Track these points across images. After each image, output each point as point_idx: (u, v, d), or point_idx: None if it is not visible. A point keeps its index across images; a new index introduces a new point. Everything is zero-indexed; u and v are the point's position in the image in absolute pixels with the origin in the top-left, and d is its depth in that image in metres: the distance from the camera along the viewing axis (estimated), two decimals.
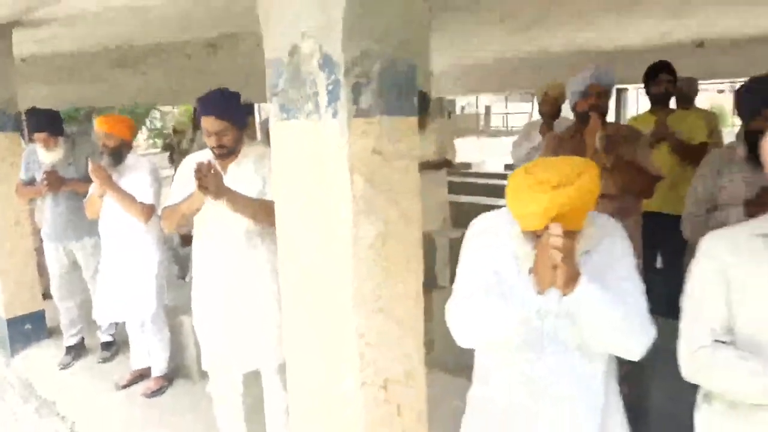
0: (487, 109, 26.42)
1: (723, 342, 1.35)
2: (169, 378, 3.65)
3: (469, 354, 1.62)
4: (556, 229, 1.30)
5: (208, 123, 2.32)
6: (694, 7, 6.12)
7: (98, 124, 3.34)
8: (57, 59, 7.34)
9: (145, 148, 20.08)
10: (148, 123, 19.37)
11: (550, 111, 4.57)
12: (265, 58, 1.65)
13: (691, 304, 1.41)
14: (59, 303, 4.05)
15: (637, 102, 19.37)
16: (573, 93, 2.72)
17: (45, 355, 4.25)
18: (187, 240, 4.09)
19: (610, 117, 3.00)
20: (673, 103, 4.24)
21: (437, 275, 4.27)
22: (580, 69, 2.83)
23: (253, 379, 2.63)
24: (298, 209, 1.65)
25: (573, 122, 2.87)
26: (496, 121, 25.43)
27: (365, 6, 1.44)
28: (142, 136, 20.38)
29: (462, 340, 1.48)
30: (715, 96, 20.90)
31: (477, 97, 24.72)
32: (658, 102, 3.85)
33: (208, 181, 2.12)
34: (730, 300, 1.34)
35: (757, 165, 1.51)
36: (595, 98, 2.67)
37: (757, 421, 1.33)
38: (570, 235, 1.34)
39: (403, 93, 1.57)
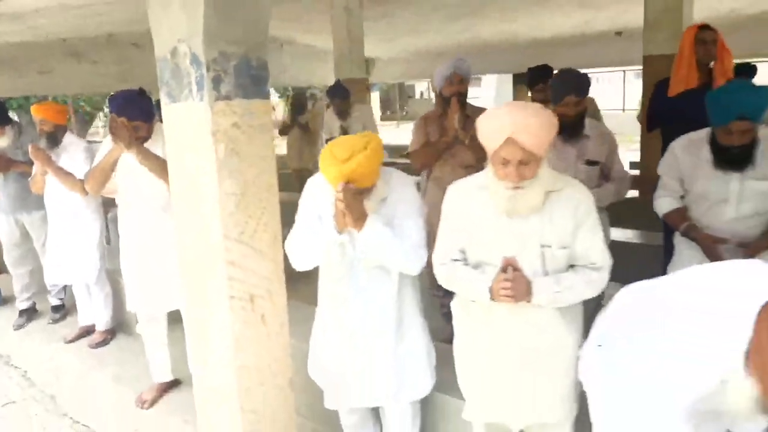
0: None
1: (458, 260, 1.99)
2: (111, 332, 4.17)
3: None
4: (339, 188, 1.92)
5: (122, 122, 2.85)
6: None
7: (33, 111, 3.84)
8: (4, 50, 7.65)
9: (103, 135, 20.23)
10: (105, 110, 19.54)
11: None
12: (155, 57, 2.19)
13: (443, 232, 2.03)
14: (12, 271, 4.53)
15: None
16: (438, 80, 3.29)
17: (4, 316, 4.71)
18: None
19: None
20: None
21: None
22: (510, 55, 3.41)
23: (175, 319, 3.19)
24: (182, 170, 2.20)
25: (437, 105, 3.44)
26: None
27: (220, 18, 1.98)
28: (101, 122, 20.53)
29: (294, 263, 2.11)
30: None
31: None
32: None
33: (120, 132, 2.66)
34: (466, 232, 1.97)
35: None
36: (456, 85, 3.24)
37: (475, 310, 1.99)
38: (360, 190, 1.96)
39: (257, 81, 2.13)
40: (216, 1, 1.96)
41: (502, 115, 1.75)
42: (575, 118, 2.87)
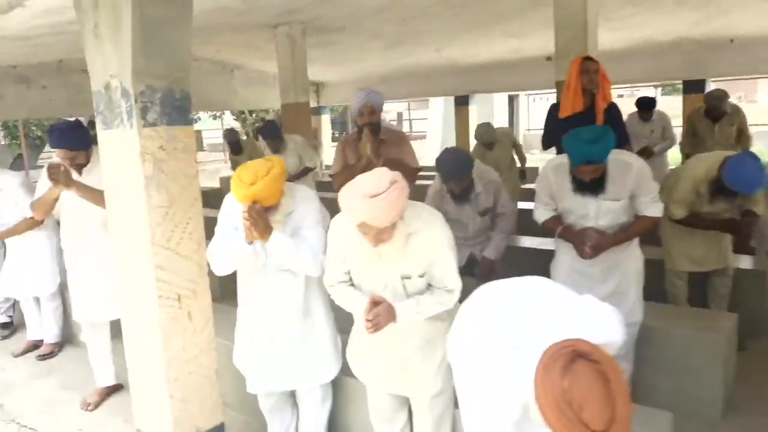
0: (399, 115, 27.81)
1: (344, 281, 2.39)
2: (59, 345, 4.39)
3: None
4: (245, 208, 2.28)
5: (61, 153, 3.16)
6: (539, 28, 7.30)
7: None
8: None
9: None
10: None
11: None
12: (91, 90, 2.53)
13: (330, 258, 2.38)
14: None
15: (528, 107, 21.05)
16: (353, 111, 3.68)
17: None
18: None
19: (503, 120, 4.09)
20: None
21: None
22: (450, 79, 3.82)
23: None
24: (116, 187, 2.53)
25: (355, 130, 3.83)
26: (406, 127, 26.85)
27: (146, 56, 2.34)
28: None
29: (214, 269, 2.46)
30: None
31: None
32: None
33: (58, 176, 2.98)
34: (346, 260, 2.33)
35: None
36: (368, 116, 3.60)
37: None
38: (266, 208, 2.33)
39: (180, 111, 2.48)
40: (142, 42, 2.31)
41: (356, 204, 2.01)
42: (462, 192, 3.60)
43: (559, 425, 1.31)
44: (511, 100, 19.48)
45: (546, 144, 4.19)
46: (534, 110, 20.71)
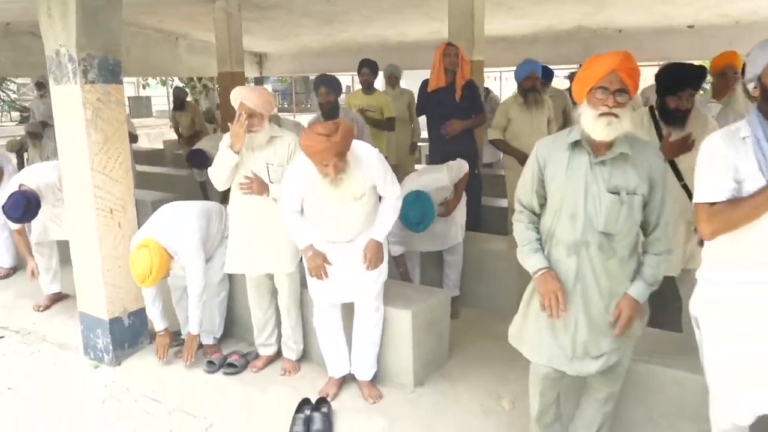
0: (347, 88, 28.70)
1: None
2: (13, 269, 5.24)
3: None
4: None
5: None
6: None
7: None
8: None
9: None
10: (1, 95, 19.51)
11: None
12: (45, 55, 3.41)
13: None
14: None
15: None
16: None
17: None
18: None
19: None
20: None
21: None
22: (382, 55, 4.55)
23: None
24: (65, 128, 3.44)
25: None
26: None
27: (86, 32, 3.24)
28: None
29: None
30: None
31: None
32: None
33: None
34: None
35: None
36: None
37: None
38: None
39: (113, 72, 3.39)
40: (83, 23, 3.21)
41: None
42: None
43: None
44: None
45: (419, 112, 5.23)
46: None
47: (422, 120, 5.48)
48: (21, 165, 8.04)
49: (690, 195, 2.73)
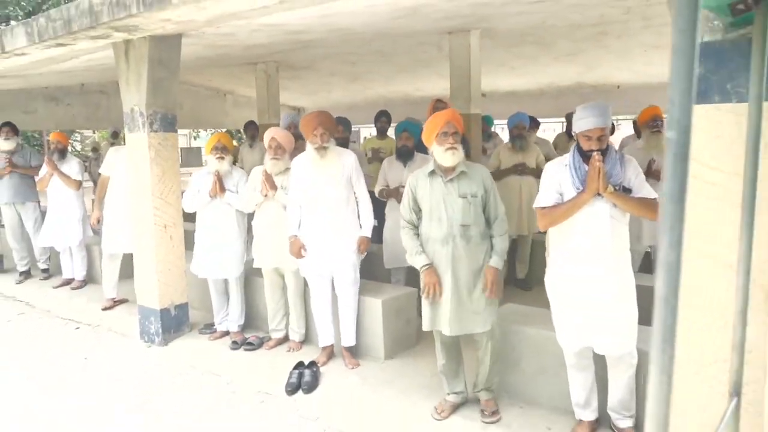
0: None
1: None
2: (84, 281, 6.47)
3: None
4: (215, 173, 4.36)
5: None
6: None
7: (52, 135, 6.28)
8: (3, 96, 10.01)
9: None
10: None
11: None
12: (123, 111, 4.67)
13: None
14: (13, 245, 6.80)
15: None
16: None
17: (7, 278, 6.96)
18: None
19: None
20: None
21: None
22: (404, 108, 5.79)
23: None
24: (135, 165, 4.66)
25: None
26: None
27: (153, 97, 4.48)
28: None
29: (186, 209, 4.57)
30: None
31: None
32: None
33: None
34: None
35: None
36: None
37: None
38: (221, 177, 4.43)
39: (170, 124, 4.62)
40: (151, 90, 4.46)
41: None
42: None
43: None
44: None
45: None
46: None
47: None
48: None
49: None
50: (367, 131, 28.63)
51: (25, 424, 3.59)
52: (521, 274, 5.95)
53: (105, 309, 5.60)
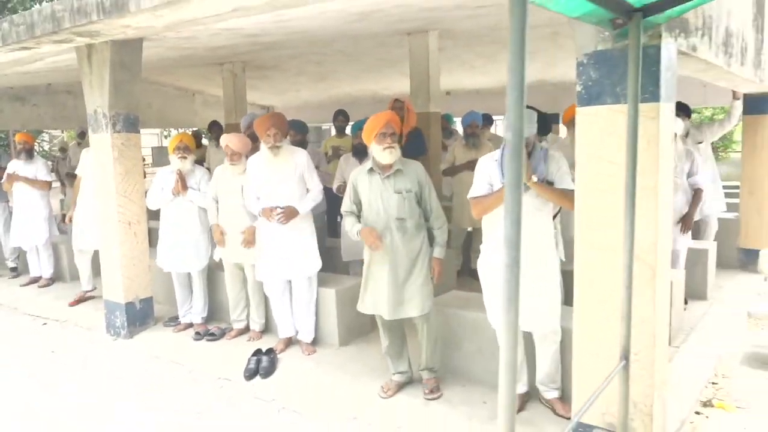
0: None
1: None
2: (52, 279, 6.60)
3: None
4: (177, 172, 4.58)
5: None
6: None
7: (18, 136, 6.37)
8: None
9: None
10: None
11: None
12: (87, 113, 4.83)
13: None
14: None
15: None
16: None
17: None
18: None
19: None
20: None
21: None
22: (371, 107, 6.08)
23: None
24: (99, 163, 4.84)
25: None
26: None
27: (116, 99, 4.66)
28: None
29: (149, 206, 4.77)
30: None
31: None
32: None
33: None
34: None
35: None
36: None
37: None
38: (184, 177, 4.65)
39: (133, 125, 4.80)
40: (113, 92, 4.64)
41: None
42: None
43: None
44: None
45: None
46: None
47: None
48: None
49: None
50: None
51: None
52: (475, 264, 6.24)
53: (72, 305, 5.74)
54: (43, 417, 3.69)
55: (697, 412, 3.30)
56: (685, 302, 4.86)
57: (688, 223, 4.84)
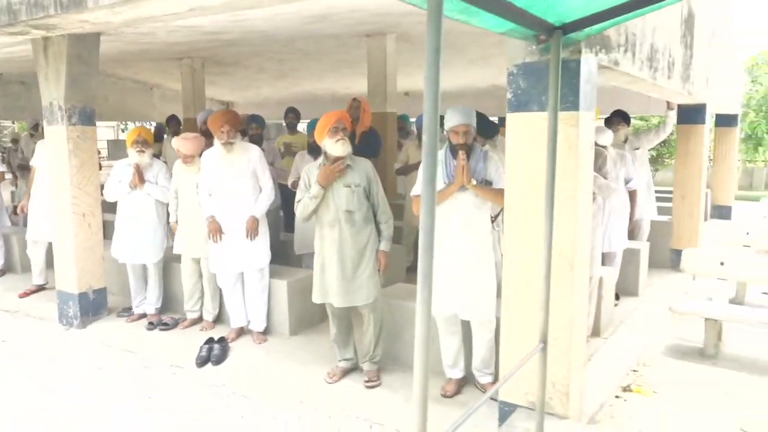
0: None
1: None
2: (3, 270, 6.56)
3: None
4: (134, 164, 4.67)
5: None
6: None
7: None
8: None
9: None
10: None
11: None
12: (42, 105, 4.87)
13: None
14: None
15: None
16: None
17: None
18: None
19: None
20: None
21: None
22: (333, 105, 6.13)
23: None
24: (53, 156, 4.88)
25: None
26: None
27: (72, 92, 4.72)
28: None
29: (107, 198, 4.84)
30: None
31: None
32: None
33: None
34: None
35: None
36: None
37: None
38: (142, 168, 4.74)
39: (89, 118, 4.87)
40: (69, 85, 4.69)
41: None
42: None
43: None
44: None
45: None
46: None
47: None
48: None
49: None
50: (300, 126, 29.30)
51: None
52: None
53: (22, 296, 5.74)
54: None
55: (617, 396, 3.60)
56: (617, 298, 5.20)
57: (631, 223, 5.22)
